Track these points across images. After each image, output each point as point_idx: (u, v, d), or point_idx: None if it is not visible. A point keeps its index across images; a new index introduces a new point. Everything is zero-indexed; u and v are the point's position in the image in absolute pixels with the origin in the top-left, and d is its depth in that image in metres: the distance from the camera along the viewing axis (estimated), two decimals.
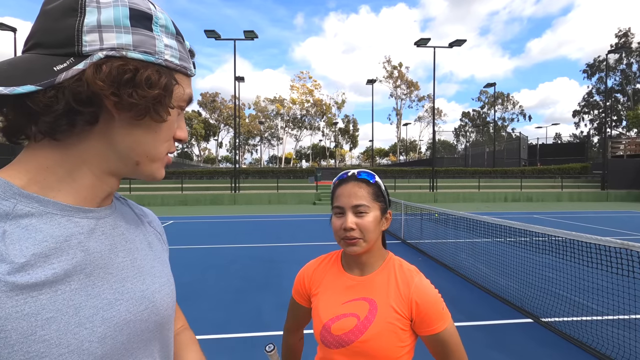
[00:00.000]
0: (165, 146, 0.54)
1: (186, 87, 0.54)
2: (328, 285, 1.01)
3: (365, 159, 76.98)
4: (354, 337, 0.91)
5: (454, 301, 4.24)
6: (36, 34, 0.45)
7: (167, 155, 0.56)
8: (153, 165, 0.54)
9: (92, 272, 0.48)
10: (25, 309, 0.40)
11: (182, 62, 0.53)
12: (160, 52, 0.49)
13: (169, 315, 0.59)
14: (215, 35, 20.27)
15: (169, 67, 0.50)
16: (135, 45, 0.46)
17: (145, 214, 0.69)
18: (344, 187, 0.96)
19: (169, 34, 0.51)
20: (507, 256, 5.15)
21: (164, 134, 0.53)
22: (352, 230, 0.92)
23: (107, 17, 0.45)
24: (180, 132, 0.56)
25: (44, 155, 0.47)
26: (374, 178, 0.97)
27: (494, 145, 34.12)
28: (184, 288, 4.81)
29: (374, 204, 0.95)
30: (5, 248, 0.41)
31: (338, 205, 0.95)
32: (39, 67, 0.42)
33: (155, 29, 0.49)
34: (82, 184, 0.49)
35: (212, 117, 62.39)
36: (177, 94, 0.52)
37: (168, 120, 0.52)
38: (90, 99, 0.44)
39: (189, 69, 0.54)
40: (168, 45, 0.50)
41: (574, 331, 3.33)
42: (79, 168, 0.48)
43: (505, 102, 63.40)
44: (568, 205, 18.63)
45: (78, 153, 0.48)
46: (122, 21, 0.46)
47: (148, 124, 0.50)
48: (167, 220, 12.18)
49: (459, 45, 21.27)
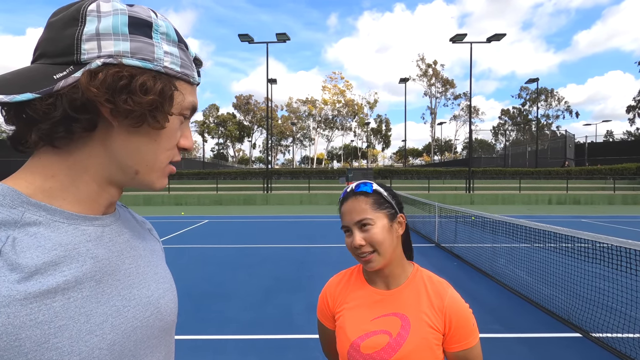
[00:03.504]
0: (166, 155, 0.53)
1: (188, 94, 0.53)
2: (353, 302, 0.96)
3: (397, 159, 75.66)
4: (387, 355, 0.87)
5: (492, 310, 4.01)
6: (41, 44, 0.47)
7: (169, 165, 0.55)
8: (153, 174, 0.53)
9: (101, 279, 0.48)
10: (39, 317, 0.40)
11: (184, 69, 0.52)
12: (159, 59, 0.48)
13: (172, 321, 0.60)
14: (248, 39, 20.77)
15: (168, 74, 0.50)
16: (132, 52, 0.46)
17: (145, 221, 0.70)
18: (345, 205, 0.94)
19: (170, 41, 0.51)
20: (551, 263, 4.80)
21: (164, 142, 0.52)
22: (363, 247, 0.89)
23: (105, 25, 0.45)
24: (184, 141, 0.55)
25: (48, 163, 0.48)
26: (371, 187, 0.94)
27: (536, 144, 32.27)
28: (216, 287, 4.93)
29: (377, 214, 0.90)
30: (16, 256, 0.41)
31: (344, 225, 0.93)
32: (40, 76, 0.43)
33: (155, 36, 0.49)
34: (85, 192, 0.50)
35: (246, 119, 63.95)
36: (177, 101, 0.51)
37: (168, 128, 0.51)
38: (85, 106, 0.44)
39: (192, 76, 0.53)
40: (168, 52, 0.50)
41: (629, 349, 3.03)
42: (81, 177, 0.49)
43: (548, 98, 59.67)
44: (621, 208, 17.20)
45: (80, 161, 0.48)
46: (120, 29, 0.46)
47: (147, 131, 0.49)
48: (202, 220, 12.62)
49: (498, 39, 20.32)
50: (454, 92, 59.33)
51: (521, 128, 61.70)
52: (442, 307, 0.90)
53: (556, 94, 59.86)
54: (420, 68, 58.64)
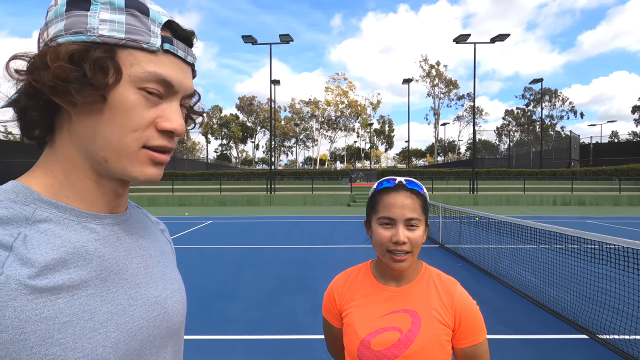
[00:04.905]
0: (132, 137, 0.46)
1: (147, 63, 0.46)
2: (362, 299, 0.95)
3: (400, 160, 75.47)
4: (398, 351, 0.87)
5: (498, 311, 3.99)
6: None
7: (145, 151, 0.48)
8: (123, 161, 0.47)
9: (107, 278, 0.48)
10: (44, 312, 0.41)
11: (132, 34, 0.46)
12: (92, 29, 0.45)
13: (180, 322, 0.59)
14: (252, 40, 20.81)
15: (107, 42, 0.45)
16: (66, 29, 0.45)
17: (158, 222, 0.69)
18: (394, 196, 0.89)
19: (114, 9, 0.45)
20: (557, 264, 4.77)
21: (122, 121, 0.46)
22: (404, 245, 0.87)
23: (51, 13, 0.47)
24: (163, 122, 0.48)
25: (46, 159, 0.49)
26: (422, 189, 0.93)
27: (540, 144, 32.05)
28: (220, 287, 4.93)
29: (422, 217, 0.90)
30: (27, 252, 0.41)
31: (388, 217, 0.88)
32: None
33: (94, 7, 0.45)
34: (82, 188, 0.49)
35: (249, 120, 64.09)
36: (127, 73, 0.46)
37: (120, 104, 0.46)
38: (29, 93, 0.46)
39: (144, 42, 0.46)
40: (106, 20, 0.45)
41: (637, 351, 2.99)
42: (71, 171, 0.49)
43: (553, 99, 59.29)
44: (627, 209, 17.04)
45: (62, 153, 0.49)
46: (59, 10, 0.46)
47: (98, 110, 0.45)
48: (206, 220, 12.65)
49: (502, 40, 20.24)
50: (458, 93, 59.10)
51: (525, 129, 61.35)
52: (452, 303, 0.90)
53: (560, 94, 59.48)
54: (424, 69, 58.51)
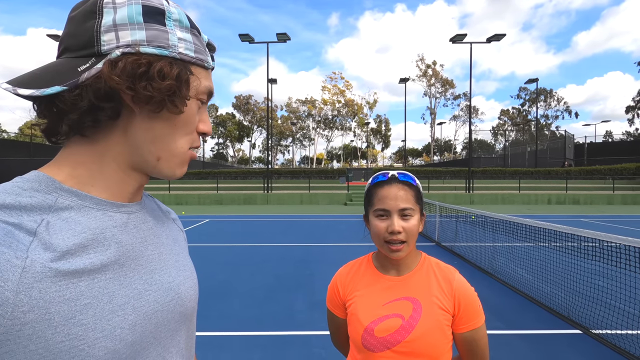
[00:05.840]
0: (186, 140, 0.54)
1: (203, 79, 0.55)
2: (365, 289, 0.99)
3: (397, 159, 75.67)
4: (401, 337, 0.90)
5: (493, 307, 4.03)
6: (64, 39, 0.49)
7: (190, 151, 0.56)
8: (174, 160, 0.54)
9: (124, 263, 0.51)
10: (66, 294, 0.43)
11: (198, 54, 0.53)
12: (173, 46, 0.50)
13: (193, 307, 0.62)
14: (249, 39, 20.77)
15: (183, 59, 0.51)
16: (149, 41, 0.48)
17: (170, 211, 0.72)
18: (387, 188, 0.94)
19: (182, 27, 0.52)
20: (551, 262, 4.83)
21: (183, 127, 0.53)
22: (399, 234, 0.91)
23: (121, 16, 0.47)
24: (203, 126, 0.57)
25: (77, 151, 0.51)
26: (415, 180, 0.97)
27: (536, 144, 32.28)
28: (219, 285, 4.95)
29: (416, 207, 0.94)
30: (50, 237, 0.43)
31: (383, 208, 0.93)
32: (66, 69, 0.46)
33: (169, 23, 0.50)
34: (112, 179, 0.52)
35: (246, 118, 63.93)
36: (194, 86, 0.53)
37: (186, 113, 0.52)
38: (109, 94, 0.47)
39: (206, 61, 0.55)
40: (182, 39, 0.51)
41: (628, 345, 3.05)
42: (108, 164, 0.51)
43: (548, 99, 59.69)
44: (621, 208, 17.23)
45: (105, 149, 0.51)
46: (135, 18, 0.48)
47: (166, 117, 0.51)
48: (203, 219, 12.63)
49: (498, 40, 20.34)
50: (454, 93, 59.40)
51: (521, 128, 61.73)
52: (451, 289, 0.94)
53: (555, 94, 59.90)
54: (420, 68, 58.69)
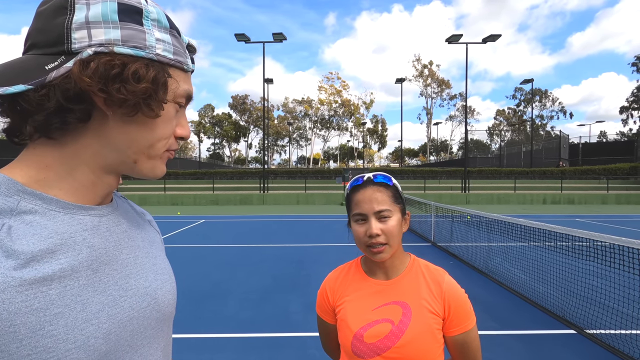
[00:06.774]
0: (162, 143, 0.52)
1: (182, 82, 0.52)
2: (353, 294, 0.97)
3: (394, 159, 75.85)
4: (391, 342, 0.88)
5: (488, 308, 4.05)
6: (31, 35, 0.45)
7: (168, 152, 0.54)
8: (150, 162, 0.52)
9: (98, 268, 0.48)
10: (34, 304, 0.40)
11: (177, 56, 0.51)
12: (150, 47, 0.47)
13: (170, 312, 0.59)
14: (245, 39, 20.72)
15: (160, 61, 0.48)
16: (124, 40, 0.45)
17: (145, 213, 0.69)
18: (362, 192, 0.93)
19: (161, 28, 0.49)
20: (546, 262, 4.85)
21: (160, 130, 0.51)
22: (378, 236, 0.89)
23: (95, 13, 0.44)
24: (180, 130, 0.54)
25: (43, 153, 0.47)
26: (391, 180, 0.95)
27: (531, 144, 32.50)
28: (213, 286, 4.92)
29: (394, 207, 0.92)
30: (12, 243, 0.40)
31: (360, 212, 0.92)
32: (32, 66, 0.42)
33: (147, 23, 0.48)
34: (82, 182, 0.49)
35: (242, 118, 63.75)
36: (172, 89, 0.50)
37: (163, 116, 0.50)
38: (79, 96, 0.43)
39: (185, 63, 0.52)
40: (160, 40, 0.48)
41: (622, 345, 3.07)
42: (78, 166, 0.48)
43: (543, 99, 60.08)
44: (615, 208, 17.37)
45: (75, 151, 0.48)
46: (110, 16, 0.45)
47: (142, 120, 0.48)
48: (198, 219, 12.57)
49: (493, 40, 20.45)
50: (450, 93, 59.56)
51: (516, 128, 62.09)
52: (441, 292, 0.92)
53: (550, 94, 60.28)
54: (417, 69, 58.83)
